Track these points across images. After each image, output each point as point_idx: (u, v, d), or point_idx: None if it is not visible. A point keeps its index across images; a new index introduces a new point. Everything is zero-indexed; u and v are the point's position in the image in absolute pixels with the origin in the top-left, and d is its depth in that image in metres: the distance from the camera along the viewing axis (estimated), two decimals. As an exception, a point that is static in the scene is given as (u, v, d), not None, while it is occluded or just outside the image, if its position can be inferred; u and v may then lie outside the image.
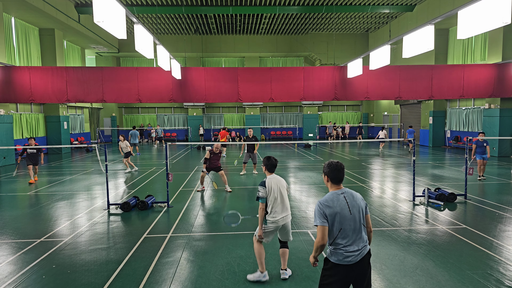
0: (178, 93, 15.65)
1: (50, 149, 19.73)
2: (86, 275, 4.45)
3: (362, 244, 2.84)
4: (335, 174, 2.93)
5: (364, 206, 2.93)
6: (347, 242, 2.81)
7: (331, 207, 2.82)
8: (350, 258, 2.79)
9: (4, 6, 15.21)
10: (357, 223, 2.84)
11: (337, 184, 2.96)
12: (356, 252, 2.80)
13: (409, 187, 9.24)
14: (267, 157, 4.37)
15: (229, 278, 4.34)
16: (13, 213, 7.45)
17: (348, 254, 2.79)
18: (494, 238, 5.57)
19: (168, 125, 30.66)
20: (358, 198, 2.93)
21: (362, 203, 2.93)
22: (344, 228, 2.82)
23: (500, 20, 6.16)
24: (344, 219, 2.82)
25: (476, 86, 15.80)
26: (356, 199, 2.90)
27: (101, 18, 6.00)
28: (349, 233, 2.82)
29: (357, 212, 2.85)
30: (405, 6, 19.72)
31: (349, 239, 2.81)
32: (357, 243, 2.82)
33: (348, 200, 2.87)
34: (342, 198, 2.87)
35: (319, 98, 16.24)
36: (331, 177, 2.94)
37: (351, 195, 2.92)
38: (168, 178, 7.60)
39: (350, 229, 2.82)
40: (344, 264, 2.80)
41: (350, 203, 2.87)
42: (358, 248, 2.81)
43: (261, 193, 4.12)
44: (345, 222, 2.81)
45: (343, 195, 2.89)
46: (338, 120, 31.21)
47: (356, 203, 2.88)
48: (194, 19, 23.01)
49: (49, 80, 14.91)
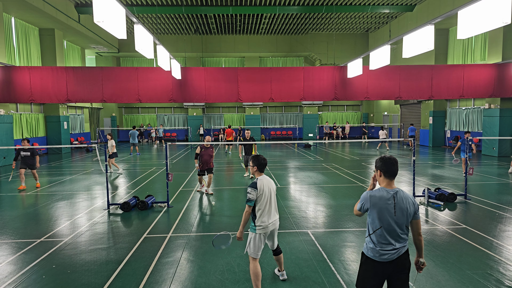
0: (178, 93, 15.65)
1: (50, 149, 19.74)
2: (86, 275, 4.46)
3: (400, 244, 2.81)
4: (389, 167, 2.84)
5: (413, 211, 2.84)
6: (384, 240, 2.80)
7: (376, 202, 2.82)
8: (385, 256, 2.79)
9: (4, 6, 15.21)
10: (399, 225, 2.81)
11: (390, 178, 2.88)
12: (393, 250, 2.79)
13: (409, 187, 9.24)
14: (255, 156, 4.01)
15: (229, 278, 4.34)
16: (13, 213, 7.45)
17: (384, 252, 2.79)
18: (494, 238, 5.57)
19: (168, 125, 30.65)
20: (408, 202, 2.84)
21: (411, 208, 2.83)
22: (384, 227, 2.80)
23: (500, 20, 6.16)
24: (386, 218, 2.79)
25: (476, 86, 15.80)
26: (406, 202, 2.82)
27: (101, 18, 6.00)
28: (389, 232, 2.80)
29: (401, 215, 2.80)
30: (405, 6, 19.72)
31: (387, 238, 2.80)
32: (394, 243, 2.80)
33: (396, 201, 2.82)
34: (390, 196, 2.82)
35: (319, 98, 16.24)
36: (384, 171, 2.86)
37: (401, 197, 2.84)
38: (168, 178, 7.60)
39: (390, 230, 2.80)
40: (378, 260, 2.81)
41: (397, 204, 2.81)
42: (395, 247, 2.80)
43: (251, 195, 3.76)
44: (386, 222, 2.80)
45: (393, 195, 2.83)
46: (338, 120, 31.21)
47: (404, 206, 2.81)
48: (194, 19, 23.01)
49: (49, 80, 14.91)
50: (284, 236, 5.81)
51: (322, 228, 6.18)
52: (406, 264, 2.86)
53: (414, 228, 2.89)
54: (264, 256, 4.91)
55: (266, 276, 4.37)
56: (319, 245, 5.36)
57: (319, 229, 6.12)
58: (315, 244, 5.40)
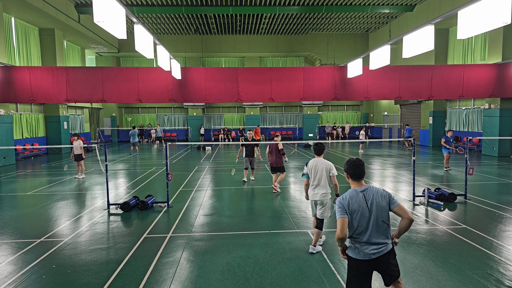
0: (178, 93, 15.64)
1: (50, 149, 19.74)
2: (86, 275, 4.45)
3: (381, 243, 2.83)
4: (354, 170, 2.95)
5: (385, 202, 2.87)
6: (363, 240, 2.84)
7: (349, 203, 2.85)
8: (367, 255, 2.83)
9: (4, 6, 15.21)
10: (376, 222, 2.84)
11: (357, 180, 2.96)
12: (373, 249, 2.82)
13: (409, 187, 9.24)
14: (315, 143, 5.27)
15: (229, 278, 4.34)
16: (13, 213, 7.45)
17: (366, 252, 2.83)
18: (494, 238, 5.57)
19: (168, 125, 30.66)
20: (379, 194, 2.89)
21: (383, 200, 2.87)
22: (362, 225, 2.83)
23: (500, 20, 6.16)
24: (361, 217, 2.83)
25: (476, 86, 15.80)
26: (377, 196, 2.87)
27: (101, 18, 6.00)
28: (366, 230, 2.83)
29: (376, 210, 2.83)
30: (405, 6, 19.72)
31: (365, 237, 2.83)
32: (374, 242, 2.83)
33: (367, 198, 2.86)
34: (361, 196, 2.88)
35: (319, 98, 16.24)
36: (350, 173, 2.98)
37: (372, 192, 2.89)
38: (168, 178, 7.60)
39: (367, 227, 2.83)
40: (361, 259, 2.85)
41: (369, 200, 2.85)
42: (374, 247, 2.82)
43: (304, 170, 5.18)
44: (362, 220, 2.83)
45: (362, 193, 2.89)
46: (338, 120, 31.22)
47: (376, 201, 2.86)
48: (194, 19, 23.01)
49: (49, 80, 14.91)
50: (284, 236, 5.81)
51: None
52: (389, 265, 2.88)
53: (401, 214, 2.88)
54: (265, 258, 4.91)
55: (267, 276, 4.37)
56: (319, 245, 5.35)
57: (319, 229, 6.11)
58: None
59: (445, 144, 11.99)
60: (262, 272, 4.45)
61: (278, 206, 7.76)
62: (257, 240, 5.62)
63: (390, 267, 2.89)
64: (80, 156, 11.55)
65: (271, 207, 7.65)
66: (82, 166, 11.60)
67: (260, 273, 4.43)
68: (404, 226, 2.88)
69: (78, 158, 11.56)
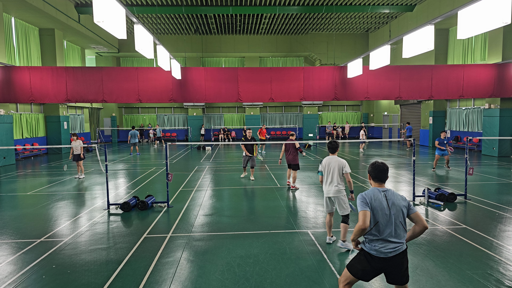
0: (178, 93, 15.64)
1: (50, 149, 19.74)
2: (86, 275, 4.45)
3: (397, 242, 2.91)
4: (376, 174, 3.08)
5: (404, 205, 2.98)
6: (381, 237, 2.92)
7: (372, 199, 2.96)
8: (382, 253, 2.90)
9: (4, 6, 15.20)
10: (394, 221, 2.93)
11: (379, 182, 3.10)
12: (390, 248, 2.90)
13: (409, 187, 9.24)
14: (329, 142, 5.45)
15: (229, 278, 4.34)
16: (13, 213, 7.45)
17: (382, 250, 2.90)
18: (494, 238, 5.57)
19: (168, 125, 30.66)
20: (399, 197, 3.02)
21: (403, 203, 2.98)
22: (381, 222, 2.92)
23: (500, 20, 6.15)
24: (381, 214, 2.93)
25: (476, 86, 15.79)
26: (397, 199, 2.99)
27: (101, 18, 6.00)
28: (385, 228, 2.92)
29: (396, 211, 2.94)
30: (405, 6, 19.72)
31: (384, 234, 2.91)
32: (391, 240, 2.91)
33: (388, 198, 2.98)
34: (382, 195, 3.00)
35: (319, 98, 16.23)
36: (373, 176, 3.11)
37: (392, 194, 3.02)
38: (168, 178, 7.60)
39: (386, 225, 2.92)
40: (376, 256, 2.92)
41: (390, 200, 2.97)
42: (391, 246, 2.90)
43: (319, 168, 5.44)
44: (381, 217, 2.92)
45: (384, 193, 3.00)
46: (338, 120, 31.22)
47: (396, 202, 2.97)
48: (194, 19, 23.01)
49: (49, 80, 14.90)
50: (284, 236, 5.81)
51: (322, 228, 6.18)
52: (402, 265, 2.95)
53: (417, 221, 2.97)
54: (265, 258, 4.90)
55: (267, 276, 4.37)
56: (319, 245, 5.36)
57: (319, 229, 6.12)
58: (315, 244, 5.40)
59: (439, 146, 12.16)
60: (262, 272, 4.45)
61: (278, 206, 7.76)
62: (257, 240, 5.62)
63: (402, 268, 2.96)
64: (79, 156, 11.52)
65: (271, 207, 7.65)
66: (81, 166, 11.56)
67: (260, 273, 4.43)
68: (418, 232, 2.99)
69: (77, 158, 11.53)
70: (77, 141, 11.69)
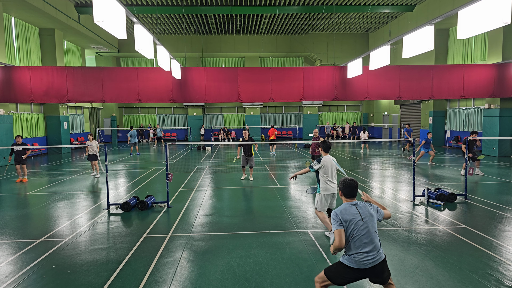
0: (178, 93, 15.64)
1: (50, 149, 19.74)
2: (86, 275, 4.45)
3: (376, 251, 3.04)
4: (348, 191, 3.30)
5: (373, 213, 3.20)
6: (359, 248, 3.04)
7: (344, 214, 3.12)
8: (362, 264, 3.01)
9: (4, 6, 15.21)
10: (369, 230, 3.08)
11: (349, 198, 3.31)
12: (369, 259, 3.01)
13: (409, 187, 9.24)
14: (323, 141, 5.67)
15: (229, 278, 4.34)
16: (13, 213, 7.45)
17: (361, 261, 3.02)
18: (494, 238, 5.57)
19: (168, 125, 30.66)
20: (368, 207, 3.23)
21: (372, 210, 3.19)
22: (356, 235, 3.06)
23: (500, 20, 6.16)
24: (356, 225, 3.07)
25: (476, 86, 15.80)
26: (367, 209, 3.18)
27: (101, 18, 6.00)
28: (362, 238, 3.05)
29: (369, 220, 3.11)
30: (405, 6, 19.72)
31: (362, 245, 3.04)
32: (369, 249, 3.03)
33: (359, 210, 3.15)
34: (354, 208, 3.19)
35: (319, 98, 16.24)
36: (345, 193, 3.33)
37: (364, 205, 3.23)
38: (168, 178, 7.60)
39: (363, 236, 3.05)
40: (355, 267, 3.04)
41: (362, 212, 3.14)
42: (370, 256, 3.02)
43: (315, 166, 5.56)
44: (357, 228, 3.06)
45: (354, 206, 3.21)
46: (338, 120, 31.22)
47: (368, 212, 3.15)
48: (194, 19, 23.01)
49: (49, 80, 14.90)
50: (284, 236, 5.81)
51: (322, 228, 6.18)
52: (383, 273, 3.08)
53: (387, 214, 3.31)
54: (265, 258, 4.91)
55: (267, 276, 4.37)
56: (319, 245, 5.36)
57: (319, 229, 6.11)
58: (315, 244, 5.40)
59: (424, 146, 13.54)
60: (262, 272, 4.45)
61: (278, 206, 7.76)
62: (257, 240, 5.62)
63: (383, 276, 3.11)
64: (96, 156, 11.59)
65: (271, 207, 7.65)
66: (96, 165, 11.66)
67: (260, 273, 4.43)
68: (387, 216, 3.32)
69: (93, 158, 11.59)
70: (93, 141, 11.77)
